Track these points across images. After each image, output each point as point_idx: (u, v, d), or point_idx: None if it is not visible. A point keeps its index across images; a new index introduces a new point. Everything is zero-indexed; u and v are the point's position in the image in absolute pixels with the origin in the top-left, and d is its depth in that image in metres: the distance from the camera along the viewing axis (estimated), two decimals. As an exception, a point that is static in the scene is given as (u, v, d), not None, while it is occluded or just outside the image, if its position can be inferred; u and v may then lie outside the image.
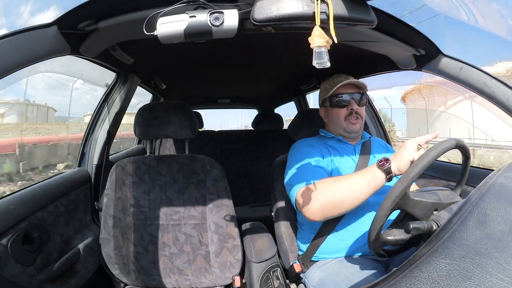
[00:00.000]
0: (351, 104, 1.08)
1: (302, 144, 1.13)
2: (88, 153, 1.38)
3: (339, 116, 1.10)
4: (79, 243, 1.14)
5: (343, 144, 1.13)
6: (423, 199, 0.69)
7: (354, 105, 1.08)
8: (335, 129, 1.14)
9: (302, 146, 1.12)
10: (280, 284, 1.09)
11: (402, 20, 0.91)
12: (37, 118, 15.86)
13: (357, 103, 1.08)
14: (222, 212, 1.13)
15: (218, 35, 0.70)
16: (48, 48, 0.75)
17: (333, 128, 1.15)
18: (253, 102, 3.32)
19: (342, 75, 1.13)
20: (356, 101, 1.08)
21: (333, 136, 1.15)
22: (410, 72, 1.19)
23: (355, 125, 1.09)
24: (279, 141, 2.57)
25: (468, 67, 0.94)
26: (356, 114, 1.09)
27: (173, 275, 1.15)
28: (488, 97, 0.90)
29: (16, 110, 13.00)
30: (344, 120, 1.09)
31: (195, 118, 1.22)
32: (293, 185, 0.98)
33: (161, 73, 1.83)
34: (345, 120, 1.09)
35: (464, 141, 0.74)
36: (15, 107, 12.74)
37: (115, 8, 0.80)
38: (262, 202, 2.37)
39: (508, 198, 0.44)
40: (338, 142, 1.13)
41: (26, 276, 0.90)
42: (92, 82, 2.88)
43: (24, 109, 13.74)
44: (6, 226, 0.86)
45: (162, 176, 1.17)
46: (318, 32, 0.63)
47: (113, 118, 1.42)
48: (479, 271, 0.35)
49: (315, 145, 1.10)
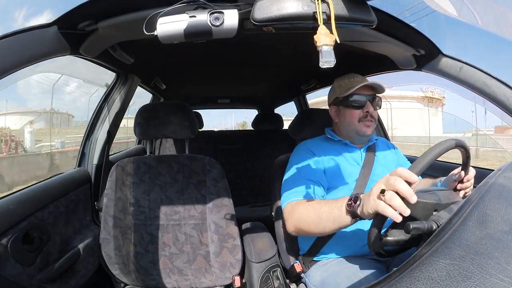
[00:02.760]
0: (367, 106, 1.04)
1: (304, 148, 1.10)
2: (88, 153, 1.38)
3: (353, 117, 1.06)
4: (79, 243, 1.14)
5: (349, 147, 1.09)
6: (423, 200, 0.69)
7: (370, 107, 1.04)
8: (345, 130, 1.10)
9: (304, 151, 1.08)
10: (280, 284, 1.09)
11: (402, 20, 0.91)
12: (60, 124, 18.25)
13: (372, 106, 1.05)
14: (222, 212, 1.13)
15: (218, 35, 0.70)
16: (48, 48, 0.75)
17: (344, 129, 1.10)
18: (253, 102, 3.32)
19: (358, 75, 1.10)
20: (371, 103, 1.05)
21: (339, 139, 1.11)
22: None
23: (369, 128, 1.05)
24: (279, 141, 2.56)
25: (468, 67, 0.94)
26: (371, 117, 1.05)
27: (173, 275, 1.15)
28: (489, 97, 0.90)
29: (43, 118, 14.99)
30: (358, 121, 1.05)
31: (195, 118, 1.22)
32: (283, 197, 1.00)
33: (161, 73, 1.83)
34: (359, 122, 1.05)
35: (464, 141, 0.74)
36: (42, 116, 14.91)
37: (115, 8, 0.80)
38: (262, 202, 2.37)
39: (508, 198, 0.44)
40: (345, 146, 1.10)
41: (26, 276, 0.90)
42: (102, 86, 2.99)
43: (50, 117, 15.64)
44: (6, 226, 0.86)
45: (162, 176, 1.17)
46: (324, 31, 0.62)
47: (113, 118, 1.42)
48: (479, 271, 0.35)
49: (317, 151, 1.07)
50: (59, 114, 18.61)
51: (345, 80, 1.10)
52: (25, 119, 15.07)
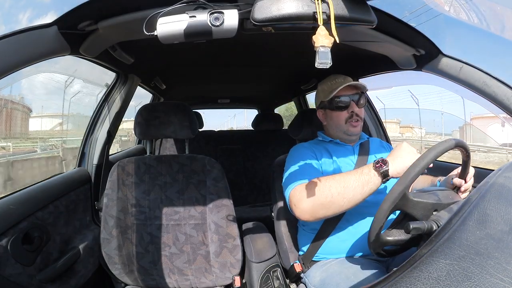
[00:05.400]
0: (352, 107, 1.06)
1: (300, 147, 1.13)
2: (88, 153, 1.38)
3: (339, 119, 1.08)
4: (79, 243, 1.14)
5: (341, 146, 1.12)
6: (422, 200, 0.69)
7: (355, 107, 1.06)
8: (334, 132, 1.12)
9: (300, 148, 1.11)
10: (280, 284, 1.09)
11: (402, 20, 0.91)
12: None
13: (357, 105, 1.07)
14: (222, 212, 1.13)
15: (218, 35, 0.70)
16: (48, 48, 0.76)
17: (333, 131, 1.13)
18: (253, 102, 3.32)
19: (340, 76, 1.11)
20: (356, 102, 1.06)
21: (331, 139, 1.13)
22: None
23: (356, 128, 1.08)
24: (279, 141, 2.57)
25: (468, 67, 0.94)
26: (357, 116, 1.07)
27: (173, 275, 1.15)
28: (489, 97, 0.90)
29: (71, 120, 16.32)
30: (345, 123, 1.07)
31: (195, 118, 1.22)
32: (287, 185, 0.97)
33: (161, 73, 1.83)
34: (346, 122, 1.07)
35: (464, 141, 0.74)
36: (70, 119, 16.19)
37: (115, 8, 0.80)
38: (262, 202, 2.37)
39: (508, 198, 0.44)
40: (336, 145, 1.12)
41: (26, 276, 0.90)
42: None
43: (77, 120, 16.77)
44: (6, 226, 0.86)
45: (162, 176, 1.17)
46: (323, 32, 0.62)
47: (113, 118, 1.42)
48: (479, 271, 0.35)
49: (313, 148, 1.10)
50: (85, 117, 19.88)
51: (327, 83, 1.11)
52: (55, 121, 16.91)
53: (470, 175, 0.84)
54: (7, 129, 13.95)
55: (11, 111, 13.97)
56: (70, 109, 15.13)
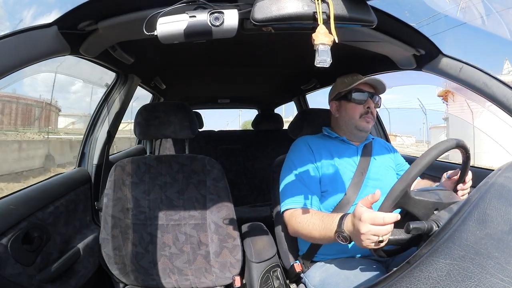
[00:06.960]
0: (369, 102, 1.07)
1: (302, 144, 1.12)
2: (88, 153, 1.38)
3: (355, 112, 1.08)
4: (79, 243, 1.13)
5: (346, 144, 1.11)
6: (423, 198, 0.69)
7: (371, 104, 1.07)
8: (345, 125, 1.12)
9: (301, 146, 1.11)
10: (280, 284, 1.09)
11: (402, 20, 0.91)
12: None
13: (374, 103, 1.08)
14: (222, 212, 1.13)
15: (218, 35, 0.70)
16: (48, 48, 0.75)
17: (343, 124, 1.12)
18: (253, 102, 3.32)
19: (360, 76, 1.14)
20: (373, 100, 1.08)
21: (337, 136, 1.13)
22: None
23: (368, 124, 1.08)
24: (279, 141, 2.56)
25: (468, 67, 0.94)
26: (371, 114, 1.08)
27: (173, 275, 1.15)
28: (488, 97, 0.90)
29: (82, 120, 17.47)
30: (359, 117, 1.08)
31: (195, 118, 1.22)
32: (282, 200, 1.04)
33: (161, 73, 1.83)
34: (360, 117, 1.08)
35: (464, 141, 0.74)
36: (82, 118, 17.51)
37: (115, 8, 0.80)
38: (262, 202, 2.37)
39: (508, 198, 0.44)
40: (342, 142, 1.12)
41: (26, 276, 0.90)
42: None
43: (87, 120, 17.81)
44: (6, 226, 0.86)
45: (162, 176, 1.17)
46: (323, 30, 0.63)
47: (113, 118, 1.42)
48: (479, 271, 0.35)
49: (314, 147, 1.09)
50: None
51: (348, 77, 1.14)
52: (68, 120, 18.44)
53: (469, 177, 0.84)
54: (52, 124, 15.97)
55: (49, 113, 15.93)
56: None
